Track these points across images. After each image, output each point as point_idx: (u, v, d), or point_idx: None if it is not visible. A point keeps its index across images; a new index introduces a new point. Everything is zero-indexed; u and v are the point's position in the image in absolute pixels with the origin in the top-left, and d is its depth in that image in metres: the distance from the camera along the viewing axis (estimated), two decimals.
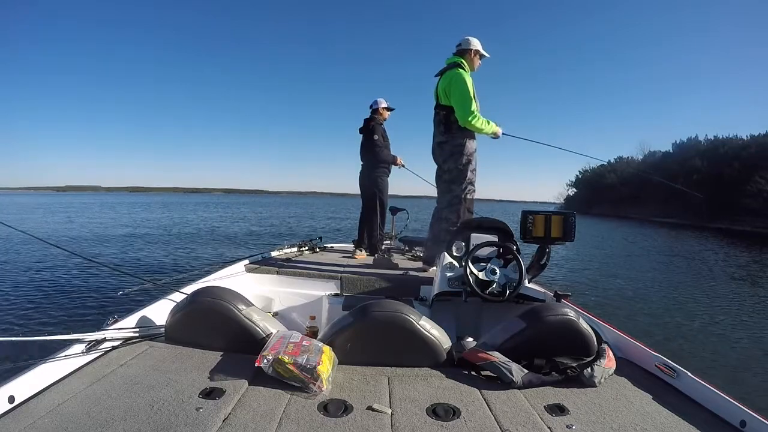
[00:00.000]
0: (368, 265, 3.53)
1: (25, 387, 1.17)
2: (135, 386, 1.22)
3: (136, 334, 1.59)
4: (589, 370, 1.38)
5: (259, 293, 2.94)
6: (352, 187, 4.95)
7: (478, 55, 3.30)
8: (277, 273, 3.13)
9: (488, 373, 1.40)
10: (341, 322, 1.51)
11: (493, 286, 2.28)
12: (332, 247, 4.57)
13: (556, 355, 1.42)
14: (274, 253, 3.75)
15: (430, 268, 3.31)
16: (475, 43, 3.26)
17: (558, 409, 1.20)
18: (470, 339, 1.82)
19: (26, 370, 1.21)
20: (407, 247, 4.49)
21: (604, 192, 52.77)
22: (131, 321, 1.73)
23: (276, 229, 18.21)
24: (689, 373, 1.36)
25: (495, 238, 2.55)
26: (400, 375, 1.38)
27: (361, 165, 4.39)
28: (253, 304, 1.61)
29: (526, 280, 2.36)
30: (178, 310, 1.58)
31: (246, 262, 3.20)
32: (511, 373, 1.34)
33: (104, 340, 1.48)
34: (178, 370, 1.33)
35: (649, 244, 17.68)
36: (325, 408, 1.16)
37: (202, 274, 2.71)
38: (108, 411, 1.08)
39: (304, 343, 1.36)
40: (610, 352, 1.48)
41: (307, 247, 4.12)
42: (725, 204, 32.86)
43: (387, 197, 4.36)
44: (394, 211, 5.14)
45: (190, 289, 2.06)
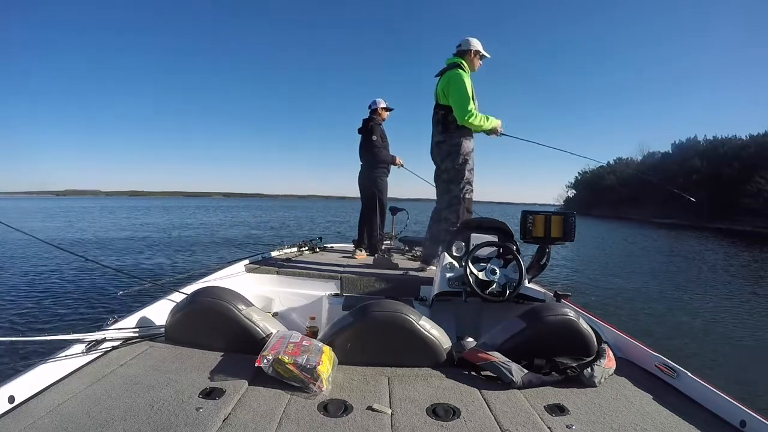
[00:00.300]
0: (368, 265, 3.53)
1: (25, 387, 1.16)
2: (135, 386, 1.22)
3: (136, 334, 1.59)
4: (589, 370, 1.38)
5: (259, 293, 2.93)
6: (351, 190, 4.95)
7: (479, 56, 3.30)
8: (277, 273, 3.12)
9: (488, 373, 1.40)
10: (341, 322, 1.51)
11: (493, 286, 2.28)
12: (332, 247, 4.57)
13: (556, 355, 1.42)
14: (274, 253, 3.75)
15: (428, 267, 3.32)
16: (475, 44, 3.26)
17: (558, 409, 1.20)
18: (470, 339, 1.82)
19: (26, 370, 1.21)
20: (407, 247, 4.50)
21: (604, 193, 52.79)
22: (131, 321, 1.73)
23: (275, 232, 18.21)
24: (689, 373, 1.36)
25: (495, 238, 2.55)
26: (400, 375, 1.38)
27: (361, 165, 4.39)
28: (253, 304, 1.61)
29: (526, 280, 2.36)
30: (178, 310, 1.58)
31: (246, 262, 3.19)
32: (511, 373, 1.34)
33: (104, 340, 1.47)
34: (178, 370, 1.33)
35: (649, 245, 17.70)
36: (325, 408, 1.16)
37: (202, 275, 2.71)
38: (108, 411, 1.08)
39: (304, 343, 1.36)
40: (610, 352, 1.48)
41: (307, 248, 4.12)
42: (725, 204, 32.89)
43: (386, 197, 4.36)
44: (394, 211, 5.14)
45: (190, 289, 2.06)
